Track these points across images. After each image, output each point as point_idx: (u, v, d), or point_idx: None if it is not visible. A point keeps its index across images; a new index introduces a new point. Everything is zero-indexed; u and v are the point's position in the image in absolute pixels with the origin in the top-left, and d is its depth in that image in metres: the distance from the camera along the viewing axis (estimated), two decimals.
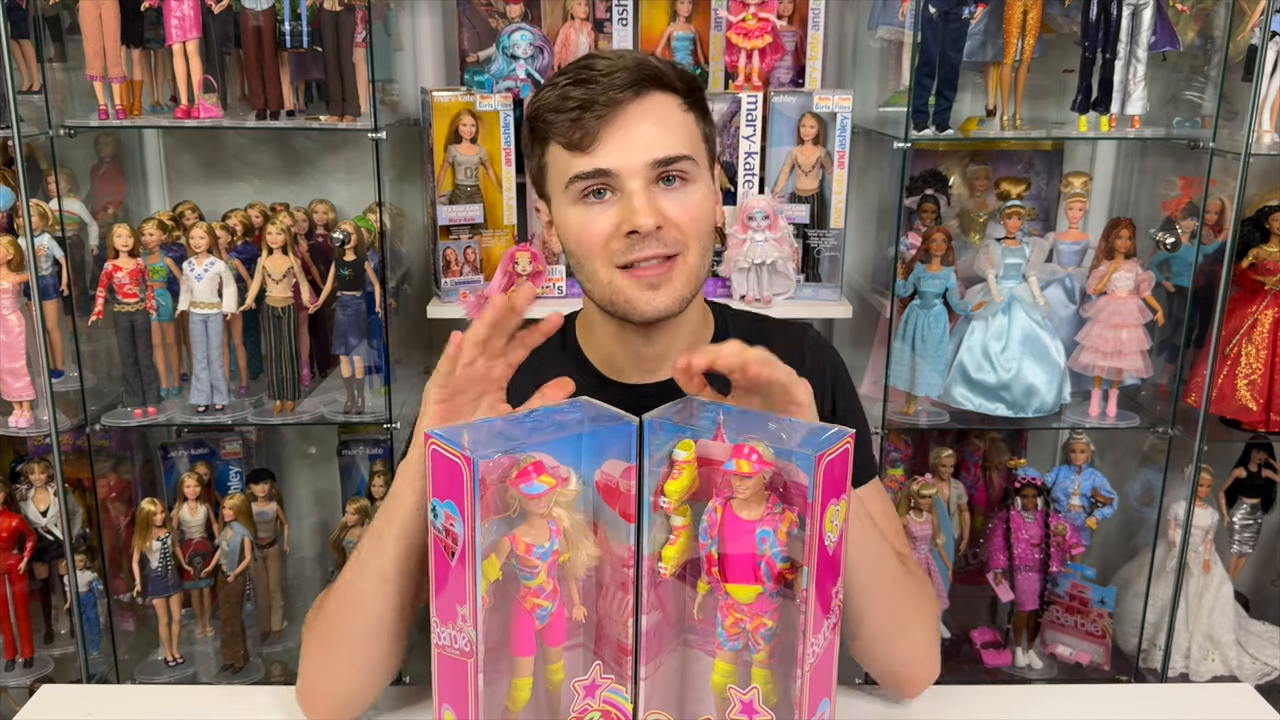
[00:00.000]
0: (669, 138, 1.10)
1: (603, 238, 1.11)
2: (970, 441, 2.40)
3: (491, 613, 0.90)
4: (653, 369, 1.23)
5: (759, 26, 2.08)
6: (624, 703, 0.96)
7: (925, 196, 2.27)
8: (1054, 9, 2.12)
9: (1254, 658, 2.30)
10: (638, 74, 1.09)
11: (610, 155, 1.09)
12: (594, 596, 0.96)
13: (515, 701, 0.94)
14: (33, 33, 2.01)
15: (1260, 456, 2.30)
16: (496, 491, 0.88)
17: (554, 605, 0.93)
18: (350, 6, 2.01)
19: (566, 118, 1.09)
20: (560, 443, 0.91)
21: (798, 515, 0.89)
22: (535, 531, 0.90)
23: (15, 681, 2.18)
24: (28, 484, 2.16)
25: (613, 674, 0.96)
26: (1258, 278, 2.12)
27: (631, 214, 1.09)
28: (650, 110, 1.10)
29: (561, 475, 0.90)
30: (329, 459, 2.45)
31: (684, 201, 1.12)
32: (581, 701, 0.96)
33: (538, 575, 0.90)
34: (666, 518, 0.92)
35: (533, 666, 0.94)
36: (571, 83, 1.10)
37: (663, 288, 1.12)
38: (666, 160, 1.10)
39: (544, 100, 1.12)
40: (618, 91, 1.08)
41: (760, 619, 0.91)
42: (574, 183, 1.11)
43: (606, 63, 1.10)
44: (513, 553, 0.90)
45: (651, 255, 1.10)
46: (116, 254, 2.02)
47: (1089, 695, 1.38)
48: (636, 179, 1.09)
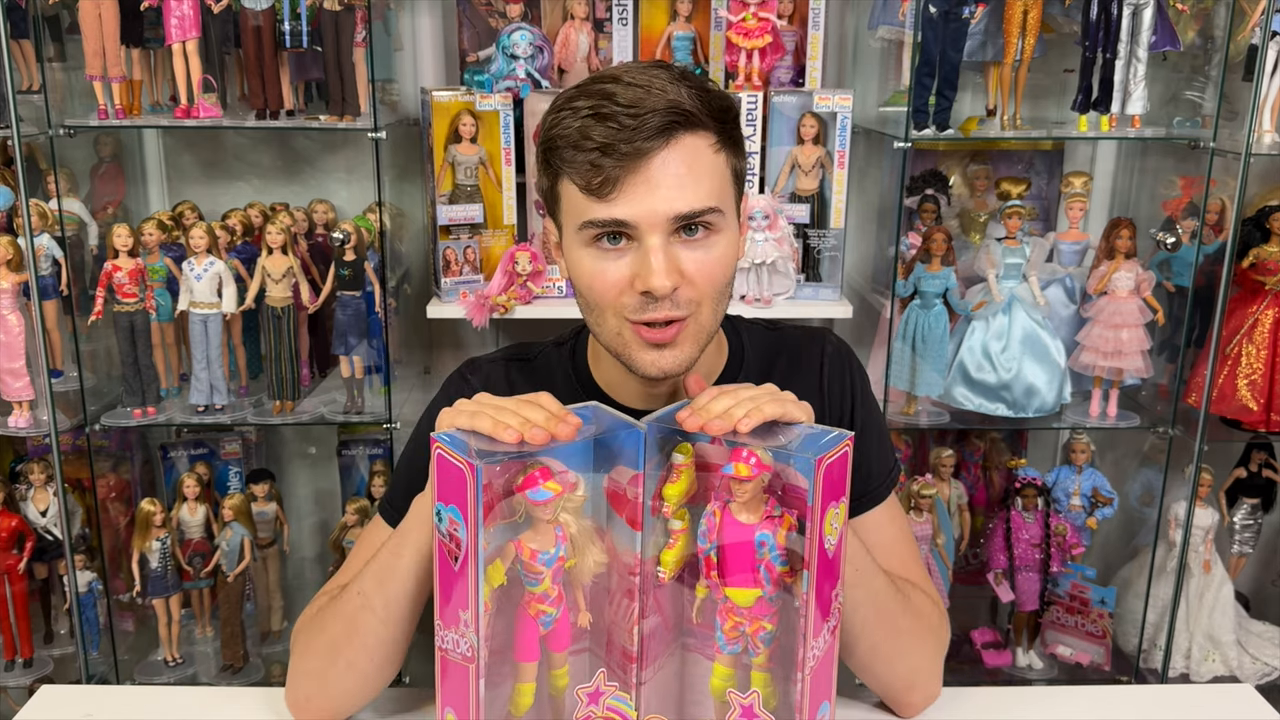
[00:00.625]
0: (696, 189, 1.00)
1: (616, 289, 1.02)
2: (970, 441, 2.40)
3: (496, 618, 0.90)
4: (664, 397, 1.18)
5: (759, 26, 2.08)
6: (628, 710, 0.96)
7: (925, 196, 2.27)
8: (1054, 9, 2.12)
9: (1254, 658, 2.30)
10: (668, 116, 0.98)
11: (630, 207, 0.99)
12: (601, 603, 0.96)
13: (518, 707, 0.94)
14: (33, 33, 2.01)
15: (1261, 456, 2.30)
16: (502, 497, 0.88)
17: (559, 611, 0.92)
18: (350, 6, 2.01)
19: (585, 159, 0.99)
20: (567, 448, 0.90)
21: (797, 518, 0.89)
22: (541, 537, 0.89)
23: (15, 681, 2.18)
24: (27, 484, 2.16)
25: (617, 681, 0.96)
26: (1258, 278, 2.12)
27: (648, 274, 0.99)
28: (678, 158, 0.99)
29: (569, 481, 0.90)
30: (329, 459, 2.45)
31: (705, 257, 1.02)
32: (585, 708, 0.95)
33: (543, 581, 0.90)
34: (664, 522, 0.92)
35: (536, 672, 0.93)
36: (593, 115, 0.99)
37: (669, 350, 1.05)
38: (690, 215, 1.00)
39: (562, 131, 1.01)
40: (645, 140, 0.97)
41: (760, 622, 0.91)
42: (586, 228, 1.02)
43: (634, 94, 0.98)
44: (518, 558, 0.90)
45: (661, 318, 1.02)
46: (116, 254, 2.02)
47: (1089, 695, 1.38)
48: (656, 234, 1.00)
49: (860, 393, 1.25)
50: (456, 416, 0.94)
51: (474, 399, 0.96)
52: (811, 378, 1.20)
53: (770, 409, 0.92)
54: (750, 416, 0.91)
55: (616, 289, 1.02)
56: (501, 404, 0.94)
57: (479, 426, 0.91)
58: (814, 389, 1.22)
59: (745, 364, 1.22)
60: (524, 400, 0.94)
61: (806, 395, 1.07)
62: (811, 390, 1.21)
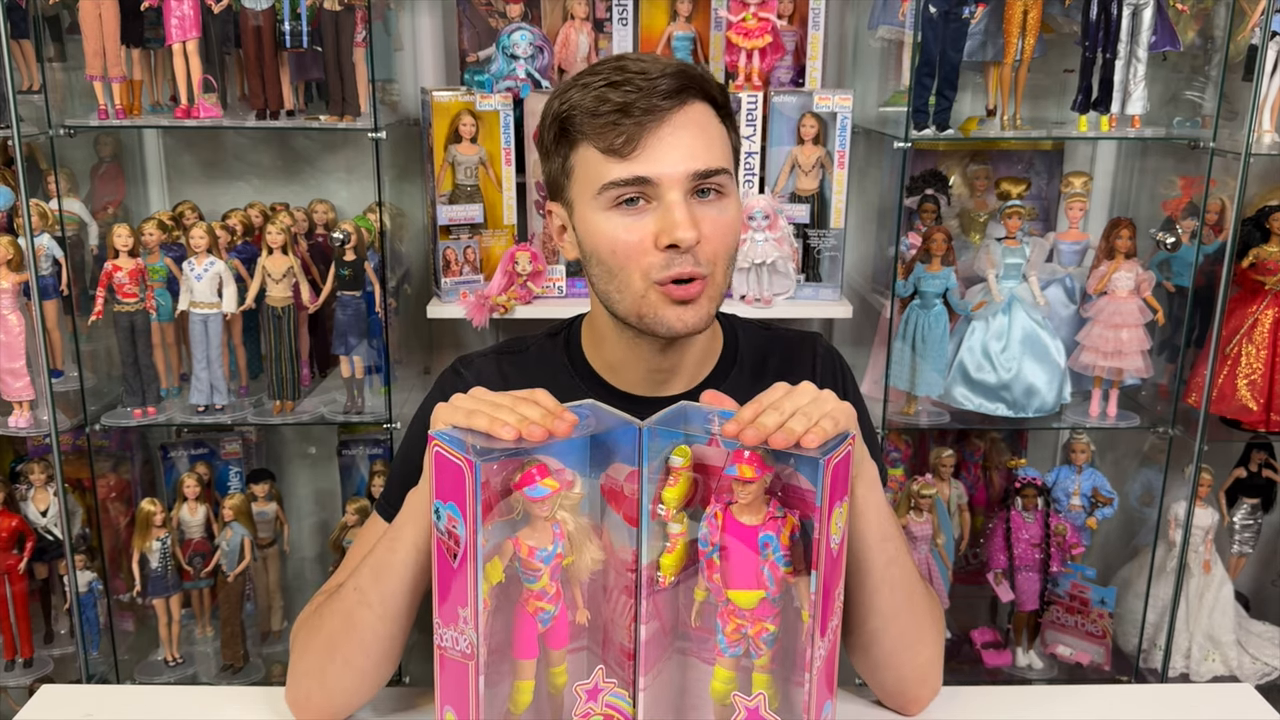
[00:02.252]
0: (710, 149, 1.07)
1: (639, 248, 1.06)
2: (970, 441, 2.40)
3: (494, 615, 0.90)
4: (662, 381, 1.21)
5: (759, 26, 2.08)
6: (627, 707, 0.96)
7: (925, 196, 2.27)
8: (1054, 9, 2.12)
9: (1254, 658, 2.30)
10: (680, 80, 1.05)
11: (651, 163, 1.04)
12: (599, 600, 0.96)
13: (517, 704, 0.94)
14: (33, 33, 2.01)
15: (1260, 456, 2.30)
16: (500, 494, 0.88)
17: (557, 609, 0.92)
18: (350, 6, 2.01)
19: (604, 120, 1.04)
20: (564, 445, 0.90)
21: (799, 518, 0.89)
22: (538, 534, 0.90)
23: (15, 681, 2.18)
24: (28, 484, 2.16)
25: (615, 678, 0.96)
26: (1258, 278, 2.12)
27: (673, 226, 1.04)
28: (692, 119, 1.06)
29: (566, 479, 0.90)
30: (329, 459, 2.45)
31: (719, 216, 1.08)
32: (584, 705, 0.95)
33: (540, 578, 0.90)
34: (663, 525, 0.92)
35: (535, 669, 0.93)
36: (608, 85, 1.05)
37: (691, 306, 1.08)
38: (707, 173, 1.06)
39: (576, 101, 1.07)
40: (661, 98, 1.04)
41: (762, 624, 0.91)
42: (607, 189, 1.06)
43: (643, 65, 1.06)
44: (515, 555, 0.90)
45: (687, 273, 1.06)
46: (116, 254, 2.02)
47: (1089, 695, 1.38)
48: (676, 189, 1.04)
49: (852, 395, 1.28)
50: (453, 414, 0.94)
51: (469, 395, 0.96)
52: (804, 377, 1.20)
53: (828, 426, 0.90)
54: (813, 434, 0.89)
55: (640, 248, 1.06)
56: (498, 401, 0.94)
57: (476, 424, 0.92)
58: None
59: (739, 357, 1.25)
60: (520, 397, 0.94)
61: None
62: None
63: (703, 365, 1.23)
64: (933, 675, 1.21)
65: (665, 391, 1.21)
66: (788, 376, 1.17)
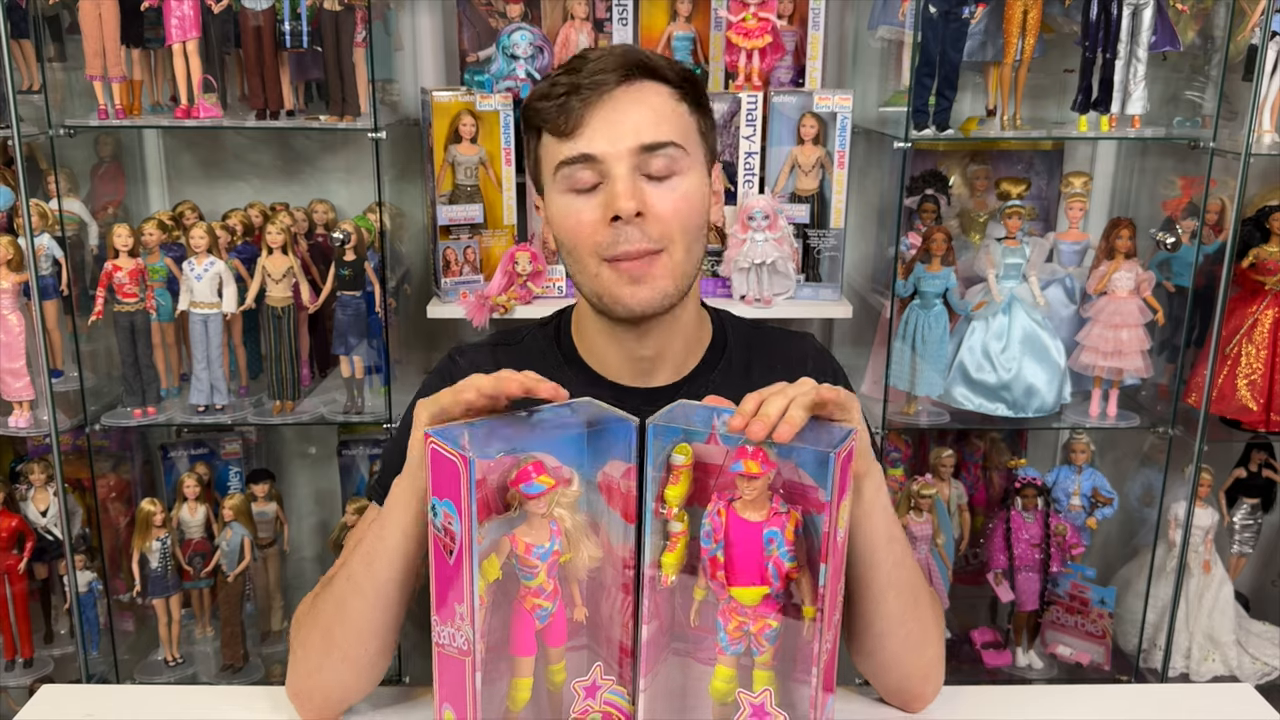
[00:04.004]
0: (657, 124, 1.08)
1: (590, 226, 1.09)
2: (970, 441, 2.40)
3: (493, 612, 0.90)
4: (647, 371, 1.21)
5: (759, 26, 2.08)
6: (625, 704, 0.96)
7: (925, 196, 2.27)
8: (1054, 9, 2.12)
9: (1254, 658, 2.30)
10: (626, 60, 1.09)
11: (594, 140, 1.07)
12: (597, 598, 0.96)
13: (515, 701, 0.94)
14: (33, 33, 2.01)
15: (1260, 456, 2.30)
16: (497, 492, 0.88)
17: (554, 606, 0.92)
18: (350, 6, 2.01)
19: (554, 104, 1.08)
20: (561, 442, 0.90)
21: (802, 513, 0.89)
22: (535, 531, 0.90)
23: (15, 681, 2.18)
24: (28, 484, 2.15)
25: (613, 675, 0.96)
26: (1258, 278, 2.12)
27: (613, 198, 1.06)
28: (638, 97, 1.09)
29: (564, 476, 0.90)
30: (329, 459, 2.45)
31: (669, 194, 1.09)
32: (582, 703, 0.95)
33: (538, 575, 0.90)
34: (665, 524, 0.92)
35: (533, 666, 0.93)
36: (564, 71, 1.10)
37: (645, 282, 1.09)
38: (652, 146, 1.07)
39: (536, 90, 1.12)
40: (604, 75, 1.07)
41: (764, 620, 0.91)
42: (560, 169, 1.09)
43: (599, 52, 1.11)
44: (513, 552, 0.90)
45: (635, 249, 1.08)
46: (116, 254, 2.02)
47: (1089, 695, 1.38)
48: (621, 164, 1.07)
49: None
50: (439, 398, 0.96)
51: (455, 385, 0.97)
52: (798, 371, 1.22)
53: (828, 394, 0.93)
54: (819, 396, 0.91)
55: (590, 226, 1.09)
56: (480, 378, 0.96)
57: (461, 397, 0.93)
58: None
59: (728, 351, 1.26)
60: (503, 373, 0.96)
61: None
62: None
63: (689, 357, 1.23)
64: (936, 673, 1.21)
65: (652, 382, 1.21)
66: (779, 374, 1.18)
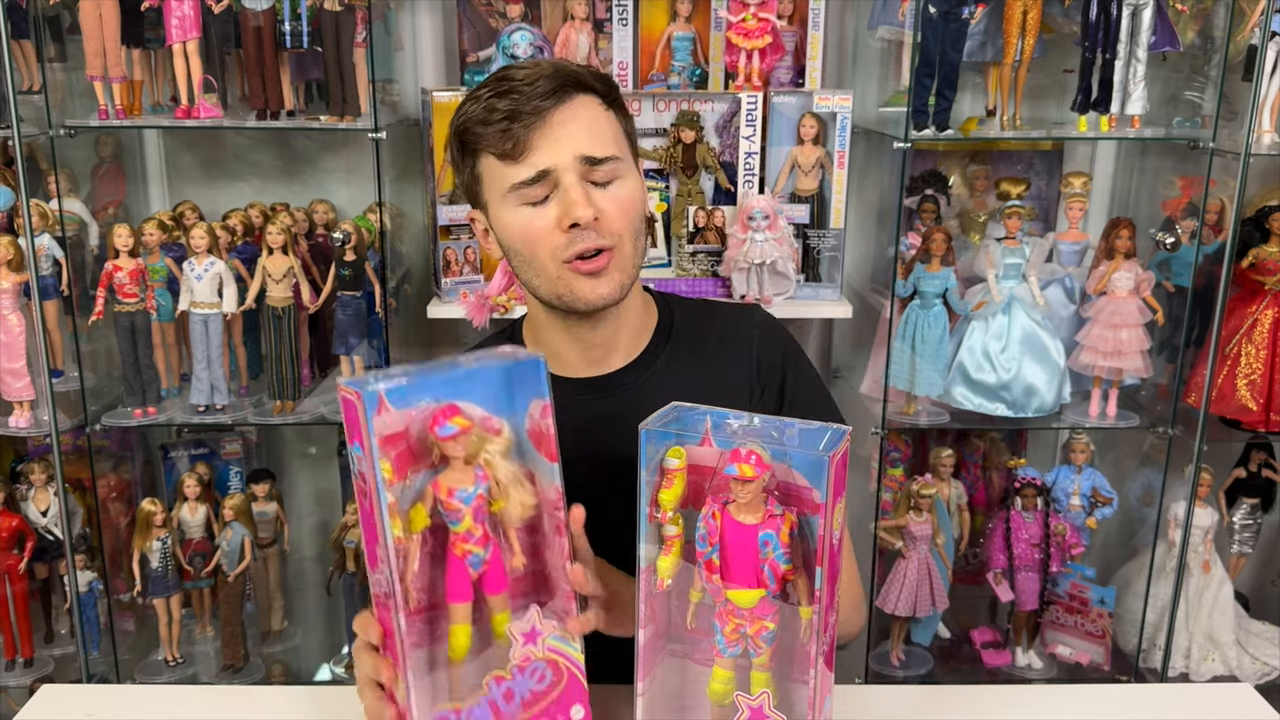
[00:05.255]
0: (596, 138, 1.15)
1: (546, 233, 1.15)
2: (970, 441, 2.40)
3: (433, 566, 0.91)
4: (601, 359, 1.27)
5: (759, 26, 2.08)
6: (573, 653, 0.95)
7: (925, 196, 2.27)
8: (1054, 9, 2.12)
9: (1254, 658, 2.30)
10: (557, 79, 1.13)
11: (542, 158, 1.13)
12: (541, 548, 0.96)
13: (455, 649, 0.93)
14: (33, 33, 2.01)
15: (1260, 456, 2.30)
16: (420, 443, 0.89)
17: (487, 552, 0.92)
18: (350, 6, 2.01)
19: (495, 129, 1.13)
20: (483, 391, 0.90)
21: (796, 515, 0.89)
22: (457, 475, 0.90)
23: (15, 681, 2.18)
24: (28, 484, 2.16)
25: (555, 620, 0.95)
26: (1258, 278, 2.12)
27: (570, 206, 1.13)
28: (573, 114, 1.14)
29: (494, 427, 0.91)
30: (329, 459, 2.45)
31: (616, 194, 1.16)
32: (522, 649, 0.94)
33: (463, 520, 0.90)
34: (660, 528, 0.92)
35: (469, 613, 0.92)
36: (494, 95, 1.14)
37: (604, 277, 1.17)
38: (596, 160, 1.14)
39: (469, 114, 1.16)
40: (541, 99, 1.12)
41: (761, 622, 0.91)
42: (515, 190, 1.15)
43: (525, 72, 1.14)
44: (436, 499, 0.90)
45: (591, 248, 1.15)
46: (116, 254, 2.02)
47: (1089, 695, 1.38)
48: (570, 174, 1.13)
49: (792, 364, 1.32)
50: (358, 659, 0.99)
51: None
52: (742, 346, 1.31)
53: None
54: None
55: (546, 232, 1.15)
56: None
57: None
58: (745, 357, 1.31)
59: (674, 330, 1.31)
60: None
61: (737, 364, 1.29)
62: (742, 359, 1.31)
63: (638, 340, 1.30)
64: (863, 603, 1.34)
65: (606, 369, 1.27)
66: (725, 349, 1.29)
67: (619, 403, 1.23)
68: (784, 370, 1.31)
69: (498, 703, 0.93)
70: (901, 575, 2.23)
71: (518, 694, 0.94)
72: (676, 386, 1.23)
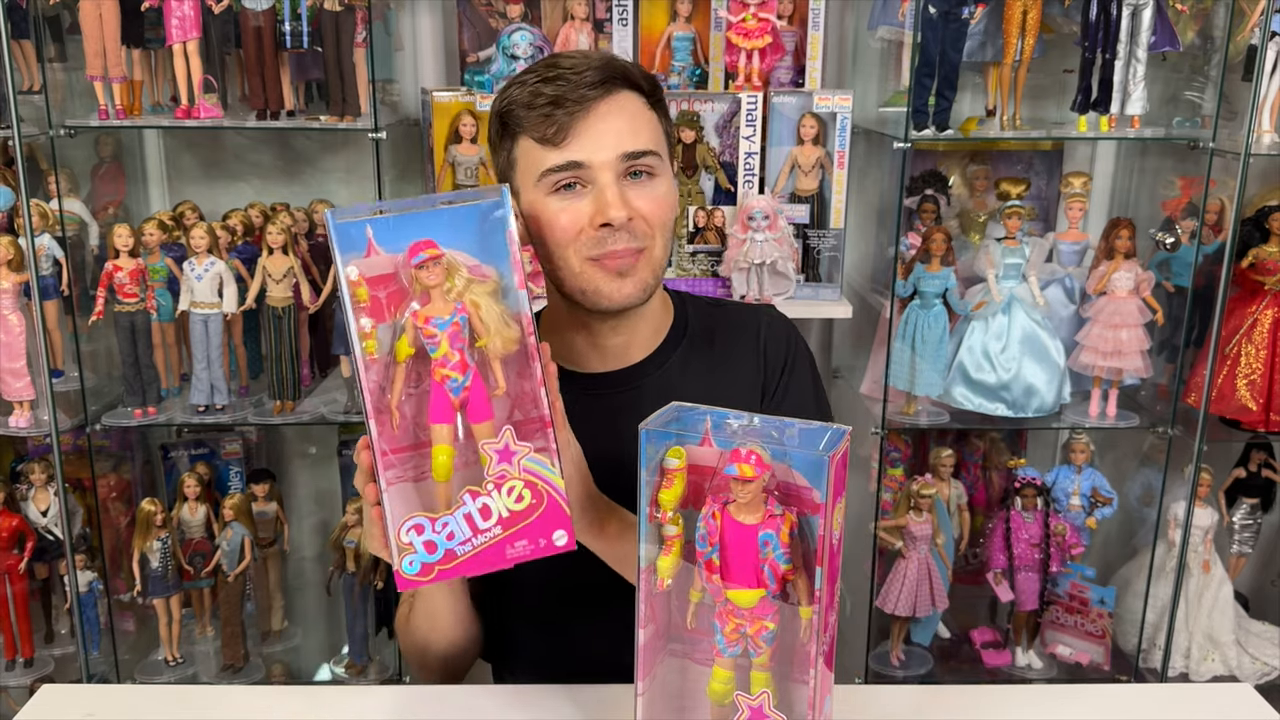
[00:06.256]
0: (637, 133, 1.15)
1: (575, 229, 1.14)
2: (970, 441, 2.40)
3: (419, 400, 0.95)
4: (618, 356, 1.28)
5: (759, 26, 2.08)
6: (552, 477, 0.96)
7: (925, 196, 2.27)
8: (1054, 9, 2.12)
9: (1254, 658, 2.30)
10: (605, 72, 1.14)
11: (582, 149, 1.12)
12: (520, 378, 0.97)
13: (438, 470, 0.95)
14: (33, 33, 2.01)
15: (1260, 456, 2.30)
16: (410, 283, 0.92)
17: (466, 378, 0.94)
18: (350, 6, 2.01)
19: (538, 114, 1.13)
20: (464, 236, 0.93)
21: (796, 515, 0.89)
22: (434, 306, 0.93)
23: (15, 681, 2.18)
24: (28, 484, 2.16)
25: (529, 443, 0.96)
26: (1258, 278, 2.12)
27: (605, 206, 1.12)
28: (619, 106, 1.14)
29: (484, 273, 0.94)
30: (329, 459, 2.45)
31: (652, 195, 1.16)
32: (497, 466, 0.95)
33: (440, 345, 0.93)
34: (660, 528, 0.92)
35: (450, 434, 0.95)
36: (541, 80, 1.13)
37: (630, 277, 1.16)
38: (635, 154, 1.14)
39: (514, 97, 1.16)
40: (588, 89, 1.12)
41: (761, 622, 0.91)
42: (546, 175, 1.14)
43: (574, 61, 1.15)
44: (415, 326, 0.93)
45: (622, 249, 1.14)
46: (117, 254, 2.02)
47: (1089, 695, 1.38)
48: (608, 172, 1.13)
49: (794, 360, 1.33)
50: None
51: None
52: (750, 343, 1.32)
53: None
54: None
55: (576, 228, 1.14)
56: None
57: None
58: (753, 353, 1.32)
59: (689, 329, 1.32)
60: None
61: (746, 360, 1.30)
62: (753, 359, 1.32)
63: (655, 337, 1.30)
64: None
65: (620, 365, 1.28)
66: (735, 346, 1.31)
67: (631, 399, 1.24)
68: (784, 367, 1.32)
69: (473, 516, 0.95)
70: (901, 575, 2.23)
71: (495, 510, 0.95)
72: (688, 385, 1.23)
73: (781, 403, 1.29)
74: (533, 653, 1.35)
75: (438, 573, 0.95)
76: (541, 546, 0.96)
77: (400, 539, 0.93)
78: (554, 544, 0.96)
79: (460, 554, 0.95)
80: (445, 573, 0.95)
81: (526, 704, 1.18)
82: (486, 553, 0.95)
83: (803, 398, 1.32)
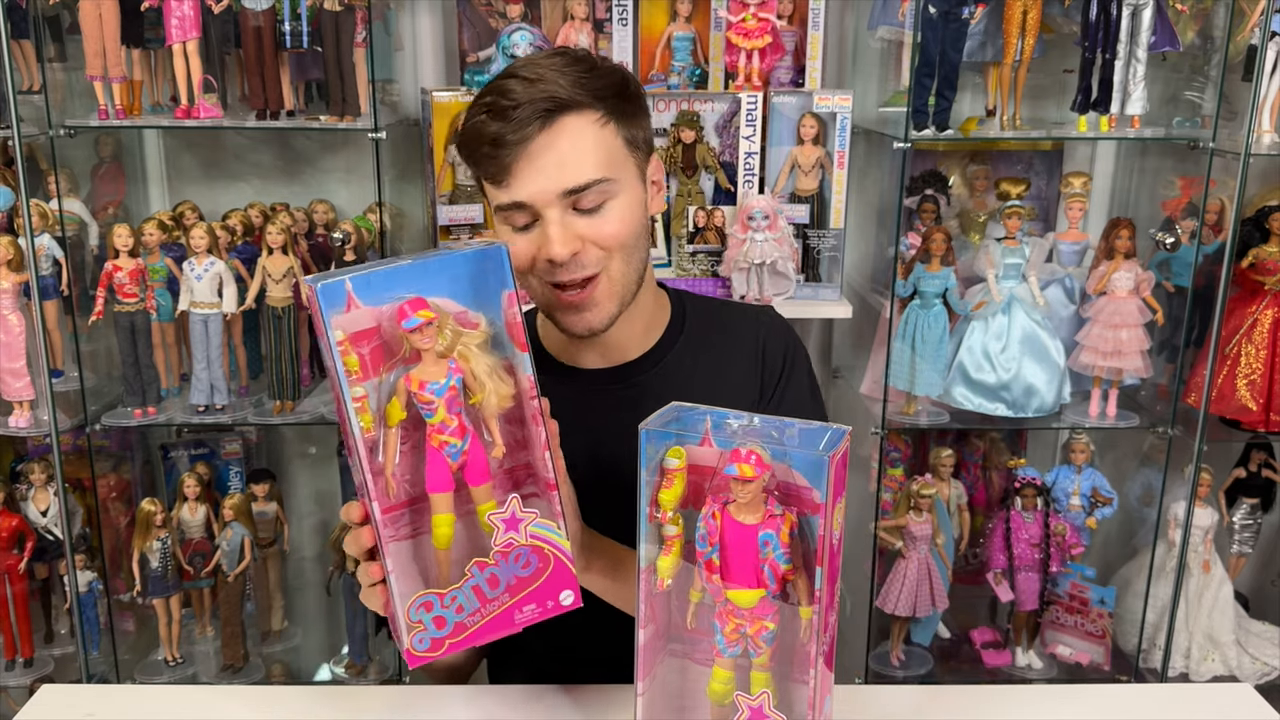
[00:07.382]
0: (580, 165, 1.12)
1: (529, 260, 1.15)
2: (970, 441, 2.40)
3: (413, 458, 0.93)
4: (610, 354, 1.28)
5: (759, 26, 2.08)
6: (558, 539, 0.96)
7: (925, 196, 2.27)
8: (1054, 9, 2.12)
9: (1254, 658, 2.30)
10: (543, 105, 1.10)
11: (523, 188, 1.11)
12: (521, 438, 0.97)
13: (439, 539, 0.95)
14: (33, 33, 2.01)
15: (1260, 456, 2.30)
16: (395, 339, 0.90)
17: (464, 443, 0.93)
18: (350, 6, 2.01)
19: (482, 154, 1.12)
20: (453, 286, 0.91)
21: (796, 515, 0.89)
22: (429, 369, 0.91)
23: (15, 681, 2.18)
24: (28, 484, 2.16)
25: (536, 509, 0.96)
26: (1258, 278, 2.12)
27: (548, 245, 1.12)
28: (558, 138, 1.11)
29: (471, 321, 0.92)
30: (329, 459, 2.45)
31: (602, 221, 1.14)
32: (504, 536, 0.95)
33: (437, 411, 0.92)
34: (659, 528, 0.92)
35: (450, 503, 0.94)
36: (487, 112, 1.11)
37: (588, 309, 1.16)
38: (577, 189, 1.12)
39: (465, 129, 1.15)
40: (525, 126, 1.09)
41: (761, 622, 0.91)
42: (499, 211, 1.15)
43: (520, 89, 1.10)
44: (409, 391, 0.91)
45: (572, 279, 1.14)
46: (116, 254, 2.02)
47: (1089, 695, 1.38)
48: (552, 208, 1.12)
49: (792, 365, 1.33)
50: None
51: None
52: (750, 345, 1.32)
53: None
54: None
55: (528, 259, 1.15)
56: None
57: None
58: (753, 357, 1.32)
59: (686, 326, 1.32)
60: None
61: (746, 364, 1.29)
62: (751, 359, 1.32)
63: (650, 334, 1.30)
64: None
65: (617, 362, 1.28)
66: (737, 347, 1.30)
67: (627, 396, 1.24)
68: (782, 368, 1.32)
69: (481, 587, 0.94)
70: (901, 575, 2.23)
71: (503, 579, 0.95)
72: (685, 383, 1.23)
73: (778, 407, 1.28)
74: (532, 653, 1.35)
75: (448, 646, 0.94)
76: (550, 608, 0.97)
77: (409, 618, 0.92)
78: (561, 604, 0.97)
79: (470, 625, 0.95)
80: (456, 645, 0.95)
81: (526, 704, 1.18)
82: (496, 620, 0.95)
83: (799, 404, 1.31)
